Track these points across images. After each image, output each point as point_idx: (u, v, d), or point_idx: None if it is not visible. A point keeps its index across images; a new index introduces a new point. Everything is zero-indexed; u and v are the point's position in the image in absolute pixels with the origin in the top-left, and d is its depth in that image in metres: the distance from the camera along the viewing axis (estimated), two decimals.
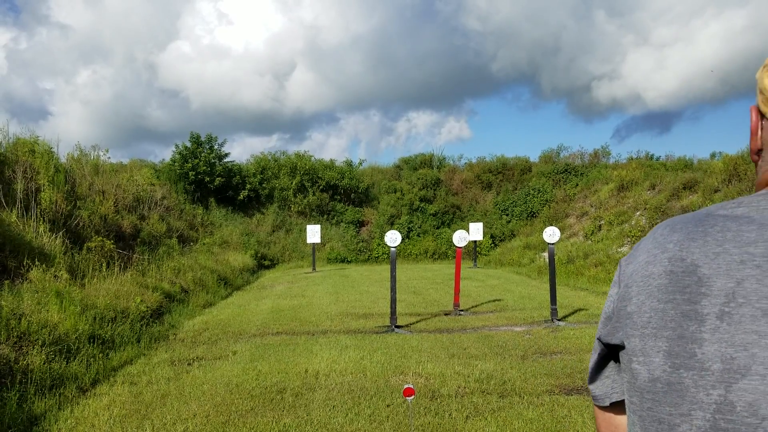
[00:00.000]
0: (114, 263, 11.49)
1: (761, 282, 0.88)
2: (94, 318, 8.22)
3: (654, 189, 19.55)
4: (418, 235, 25.92)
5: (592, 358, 1.15)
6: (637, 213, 18.73)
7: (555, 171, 27.21)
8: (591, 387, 1.16)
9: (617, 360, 1.09)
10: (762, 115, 1.05)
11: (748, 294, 0.89)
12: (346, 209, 27.34)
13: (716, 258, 0.93)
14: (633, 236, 17.29)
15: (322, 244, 24.64)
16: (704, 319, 0.91)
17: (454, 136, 74.91)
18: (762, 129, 1.05)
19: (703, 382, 0.89)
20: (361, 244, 25.78)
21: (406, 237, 25.49)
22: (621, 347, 1.03)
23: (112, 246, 12.05)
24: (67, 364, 6.71)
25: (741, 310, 0.88)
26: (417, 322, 10.24)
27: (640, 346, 0.97)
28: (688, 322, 0.92)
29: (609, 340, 1.06)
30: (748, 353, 0.86)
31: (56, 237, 10.62)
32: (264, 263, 22.94)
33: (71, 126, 57.33)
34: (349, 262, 24.56)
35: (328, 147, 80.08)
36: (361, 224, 27.25)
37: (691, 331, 0.91)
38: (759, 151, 1.07)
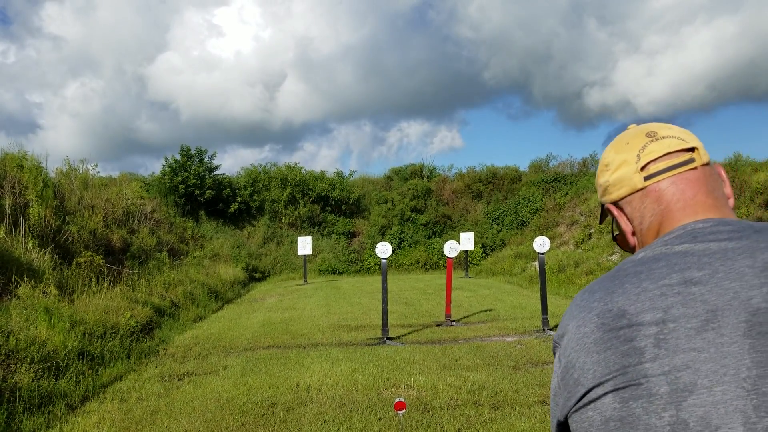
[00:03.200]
0: (103, 278, 11.42)
1: (686, 305, 0.97)
2: (84, 334, 8.16)
3: None
4: (410, 246, 25.92)
5: None
6: None
7: (544, 180, 27.32)
8: None
9: None
10: (616, 205, 1.22)
11: (677, 318, 0.96)
12: (337, 220, 27.32)
13: (638, 297, 1.00)
14: None
15: (314, 255, 24.60)
16: (643, 351, 0.96)
17: (446, 146, 75.18)
18: (623, 211, 1.21)
19: (653, 408, 0.93)
20: (352, 255, 25.74)
21: (397, 247, 25.48)
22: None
23: (101, 261, 11.98)
24: (56, 381, 6.65)
25: (674, 334, 0.95)
26: (409, 333, 10.23)
27: (590, 397, 1.00)
28: (629, 358, 0.97)
29: (565, 413, 1.06)
30: (691, 370, 0.93)
31: (45, 252, 10.55)
32: (255, 276, 22.86)
33: (60, 139, 57.12)
34: (340, 273, 24.52)
35: (320, 158, 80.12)
36: (352, 235, 27.23)
37: (633, 364, 0.96)
38: (634, 232, 1.20)
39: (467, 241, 21.95)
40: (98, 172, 18.47)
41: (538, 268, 13.36)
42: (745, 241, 1.02)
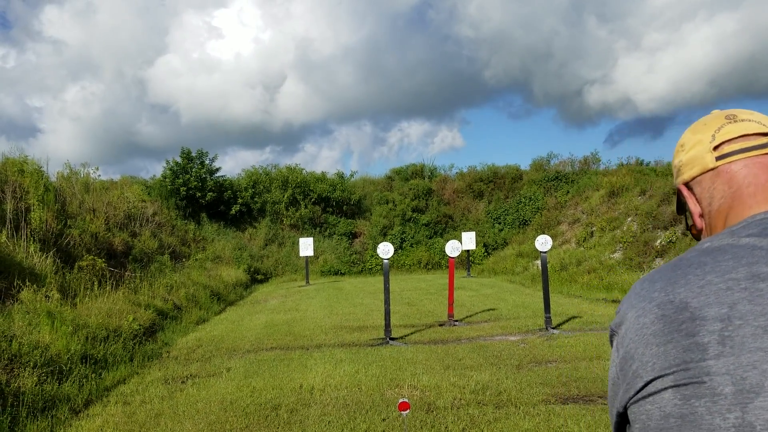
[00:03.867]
0: (106, 281, 11.42)
1: (753, 302, 0.92)
2: (87, 337, 8.16)
3: (644, 194, 19.64)
4: (411, 246, 25.91)
5: None
6: (629, 219, 18.80)
7: (546, 179, 27.30)
8: None
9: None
10: (687, 186, 1.21)
11: (744, 315, 0.92)
12: (339, 221, 27.32)
13: (702, 290, 0.96)
14: (625, 242, 17.35)
15: (315, 256, 24.59)
16: (706, 347, 0.92)
17: (446, 146, 75.12)
18: (692, 191, 1.19)
19: (717, 408, 0.89)
20: (354, 256, 25.74)
21: (399, 248, 25.47)
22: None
23: (103, 264, 11.98)
24: (59, 385, 6.65)
25: (741, 332, 0.91)
26: (411, 333, 10.22)
27: (648, 391, 0.97)
28: (691, 354, 0.93)
29: (624, 404, 1.04)
30: (758, 371, 0.88)
31: (47, 257, 10.55)
32: (257, 277, 22.86)
33: (61, 143, 57.15)
34: (342, 274, 24.51)
35: (321, 159, 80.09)
36: (353, 236, 27.23)
37: (695, 360, 0.92)
38: (702, 214, 1.18)
39: (469, 240, 21.94)
40: (99, 175, 18.54)
41: (540, 267, 13.35)
42: None
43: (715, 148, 1.14)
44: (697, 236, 1.21)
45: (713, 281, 0.96)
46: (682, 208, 1.28)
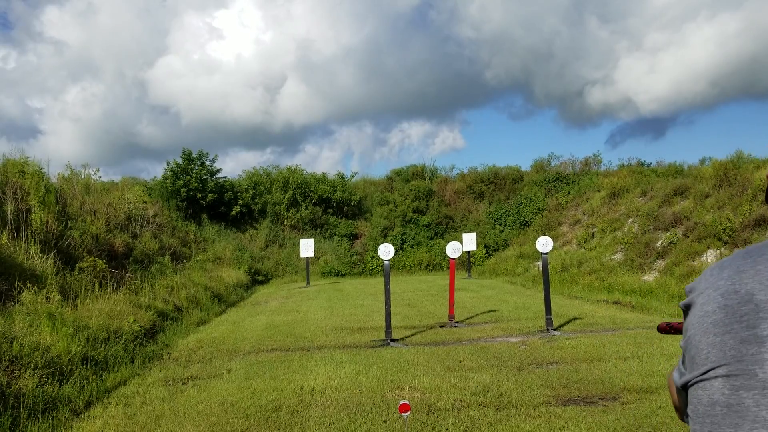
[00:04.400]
0: (106, 283, 11.42)
1: None
2: (87, 339, 8.16)
3: (645, 195, 19.63)
4: (412, 247, 25.90)
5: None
6: (630, 220, 18.79)
7: (546, 180, 27.30)
8: None
9: None
10: None
11: None
12: (339, 222, 27.32)
13: None
14: (626, 243, 17.33)
15: (316, 258, 24.59)
16: (764, 340, 0.91)
17: (447, 147, 75.06)
18: None
19: (766, 401, 0.89)
20: (354, 257, 25.74)
21: (399, 249, 25.47)
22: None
23: (104, 265, 11.98)
24: (60, 386, 6.64)
25: None
26: (412, 335, 10.21)
27: (701, 377, 0.98)
28: (747, 346, 0.93)
29: (683, 384, 1.06)
30: None
31: (47, 258, 10.55)
32: (258, 278, 22.86)
33: (62, 144, 57.14)
34: (343, 275, 24.51)
35: (322, 159, 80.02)
36: (354, 237, 27.23)
37: (751, 353, 0.92)
38: None
39: (470, 241, 21.93)
40: (100, 176, 18.51)
41: (541, 268, 13.34)
42: None
43: None
44: None
45: None
46: None
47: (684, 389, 1.06)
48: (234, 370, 7.92)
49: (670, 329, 1.46)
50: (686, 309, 1.07)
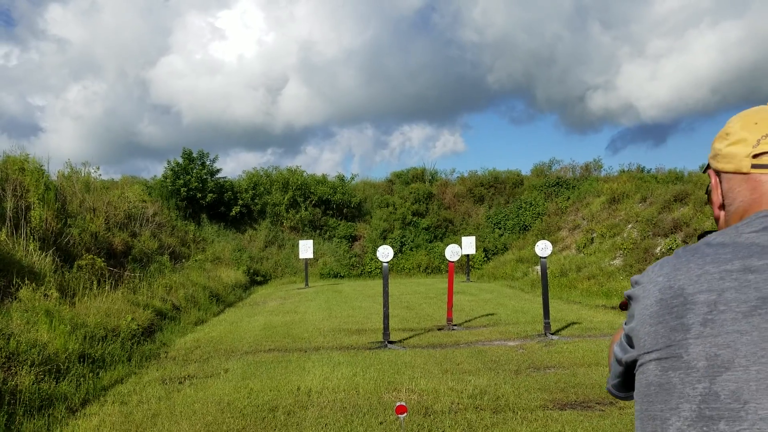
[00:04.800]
0: (105, 281, 11.41)
1: (740, 291, 1.04)
2: (85, 337, 8.15)
3: (645, 201, 19.64)
4: (411, 250, 25.90)
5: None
6: (629, 225, 18.79)
7: (547, 184, 27.30)
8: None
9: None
10: (717, 174, 1.26)
11: (729, 302, 1.04)
12: (339, 224, 27.32)
13: (699, 278, 1.08)
14: (625, 249, 17.33)
15: (315, 259, 24.57)
16: (689, 327, 1.05)
17: (448, 150, 75.00)
18: (721, 183, 1.25)
19: (689, 379, 1.03)
20: (353, 259, 25.73)
21: (398, 251, 25.46)
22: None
23: (102, 264, 11.98)
24: (56, 384, 6.64)
25: (722, 316, 1.03)
26: (410, 337, 10.20)
27: (641, 361, 1.13)
28: (676, 333, 1.07)
29: (627, 363, 1.23)
30: (731, 349, 1.01)
31: (46, 255, 10.54)
32: (256, 279, 22.85)
33: (63, 142, 57.12)
34: (341, 277, 24.49)
35: (322, 161, 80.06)
36: (353, 239, 27.22)
37: (678, 339, 1.06)
38: (721, 206, 1.25)
39: (469, 245, 21.92)
40: (100, 175, 18.49)
41: (540, 273, 13.33)
42: None
43: (755, 156, 1.18)
44: (717, 221, 1.29)
45: (710, 271, 1.08)
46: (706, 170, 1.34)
47: (623, 365, 1.23)
48: (231, 370, 7.91)
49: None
50: (629, 299, 1.21)
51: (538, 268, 18.04)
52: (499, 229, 26.65)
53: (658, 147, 66.49)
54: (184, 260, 19.10)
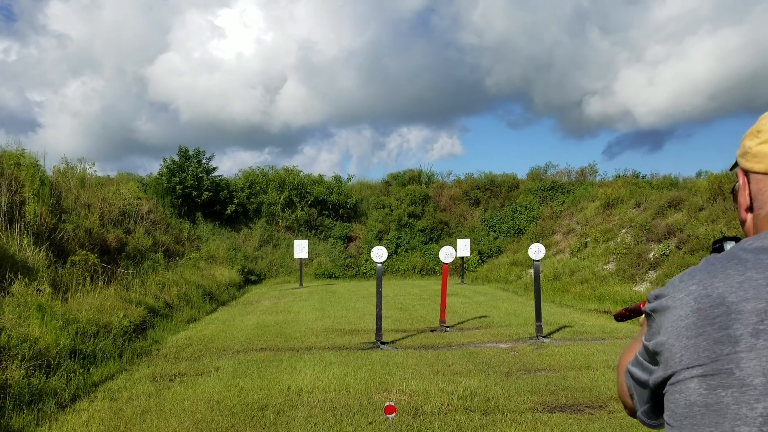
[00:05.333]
0: (98, 277, 11.40)
1: None
2: (76, 332, 8.14)
3: (639, 207, 19.69)
4: (407, 251, 25.92)
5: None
6: (623, 230, 18.84)
7: (542, 188, 27.35)
8: None
9: None
10: (746, 173, 1.17)
11: None
12: (335, 224, 27.31)
13: (741, 285, 0.98)
14: (618, 253, 17.38)
15: (310, 259, 24.56)
16: (738, 340, 0.95)
17: (446, 152, 75.01)
18: (749, 183, 1.16)
19: (746, 398, 0.92)
20: (348, 259, 25.73)
21: (394, 253, 25.48)
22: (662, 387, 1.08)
23: (96, 260, 11.96)
24: (46, 379, 6.63)
25: None
26: (403, 338, 10.22)
27: (676, 378, 1.01)
28: (722, 346, 0.96)
29: (655, 385, 1.10)
30: None
31: (40, 250, 10.53)
32: (251, 278, 22.83)
33: (60, 138, 56.93)
34: (336, 277, 24.50)
35: (320, 161, 79.89)
36: (349, 240, 27.22)
37: (726, 353, 0.95)
38: (749, 208, 1.16)
39: (464, 247, 21.95)
40: (95, 171, 18.45)
41: (533, 276, 13.36)
42: None
43: None
44: (742, 223, 1.21)
45: (753, 277, 0.98)
46: (734, 168, 1.27)
47: (649, 387, 1.09)
48: (222, 369, 7.91)
49: (629, 313, 1.46)
50: (653, 313, 1.09)
51: (532, 271, 18.08)
52: (494, 232, 26.69)
53: (654, 153, 66.61)
54: (178, 258, 19.08)
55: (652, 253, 16.17)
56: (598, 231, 19.82)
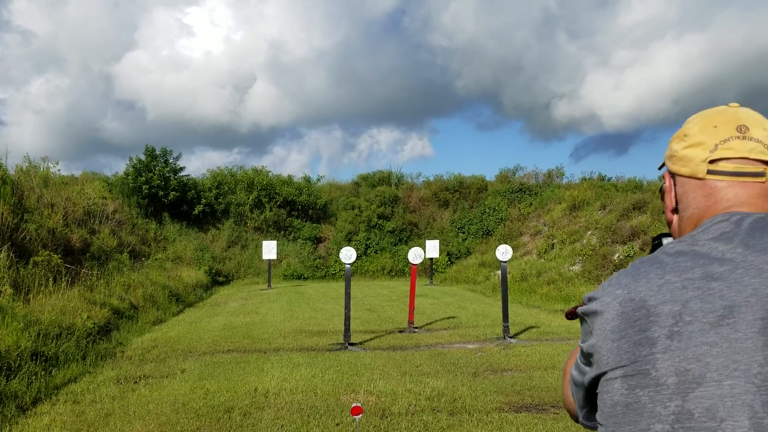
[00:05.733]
0: (61, 278, 11.18)
1: (704, 300, 0.99)
2: (38, 334, 7.98)
3: (605, 209, 20.01)
4: (376, 252, 25.93)
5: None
6: (589, 232, 19.12)
7: (510, 190, 27.61)
8: None
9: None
10: (673, 176, 1.21)
11: (695, 312, 0.99)
12: (304, 225, 27.20)
13: (660, 288, 1.03)
14: (584, 255, 17.63)
15: (279, 260, 24.43)
16: (655, 341, 1.00)
17: (416, 154, 75.24)
18: (675, 186, 1.20)
19: (660, 397, 0.97)
20: (318, 260, 25.65)
21: (363, 254, 25.47)
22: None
23: (59, 260, 11.73)
24: (7, 381, 6.48)
25: (689, 327, 0.98)
26: (371, 339, 10.22)
27: (605, 379, 1.06)
28: (641, 348, 1.00)
29: (588, 383, 1.15)
30: (702, 363, 0.96)
31: (0, 251, 10.29)
32: (218, 279, 22.62)
33: (23, 136, 55.59)
34: (305, 278, 24.40)
35: (290, 162, 79.43)
36: (318, 241, 27.14)
37: (644, 354, 1.00)
38: (674, 210, 1.21)
39: (432, 248, 22.05)
40: (59, 170, 18.12)
41: (500, 277, 13.48)
42: None
43: (712, 161, 1.13)
44: (669, 224, 1.25)
45: (671, 280, 1.03)
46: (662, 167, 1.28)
47: (584, 387, 1.16)
48: (188, 371, 7.83)
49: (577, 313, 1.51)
50: (585, 316, 1.13)
51: (500, 272, 18.24)
52: (463, 233, 26.86)
53: (620, 156, 67.77)
54: (144, 259, 18.81)
55: (616, 255, 16.45)
56: (564, 233, 20.09)
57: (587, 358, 1.12)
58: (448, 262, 25.01)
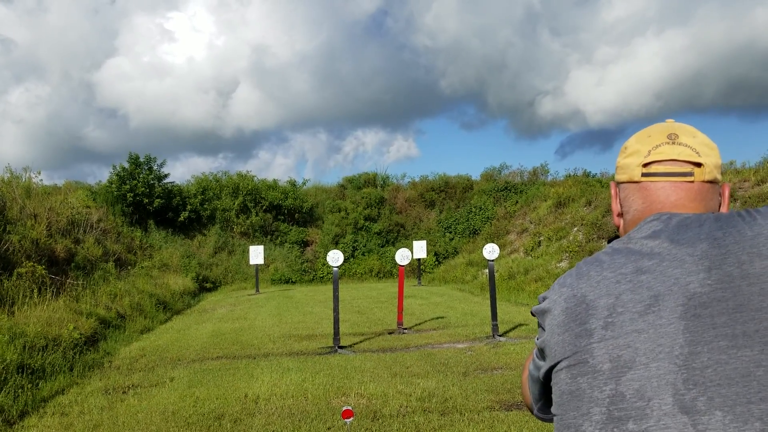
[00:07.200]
0: (46, 289, 11.07)
1: (634, 292, 1.09)
2: (24, 347, 7.89)
3: (590, 205, 20.12)
4: (363, 254, 25.91)
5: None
6: (575, 229, 19.22)
7: (495, 189, 27.69)
8: None
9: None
10: (617, 184, 1.33)
11: (626, 303, 1.09)
12: (290, 229, 27.12)
13: (598, 284, 1.14)
14: (571, 251, 17.72)
15: (266, 265, 24.34)
16: (592, 332, 1.10)
17: (402, 155, 75.18)
18: (619, 192, 1.32)
19: (596, 383, 1.07)
20: (305, 264, 25.58)
21: (351, 256, 25.43)
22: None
23: (43, 271, 11.62)
24: None
25: (621, 317, 1.08)
26: (360, 341, 10.21)
27: (555, 371, 1.17)
28: (581, 339, 1.11)
29: (543, 377, 1.26)
30: (632, 349, 1.05)
31: None
32: (206, 286, 22.49)
33: (3, 147, 54.91)
34: (293, 282, 24.32)
35: (275, 166, 79.11)
36: (305, 244, 27.07)
37: (583, 345, 1.10)
38: (619, 214, 1.33)
39: (420, 249, 22.06)
40: (42, 180, 17.93)
41: (488, 276, 13.51)
42: (693, 231, 1.13)
43: (645, 165, 1.25)
44: (617, 228, 1.35)
45: (607, 276, 1.13)
46: None
47: (539, 381, 1.27)
48: (177, 379, 7.78)
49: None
50: (538, 314, 1.25)
51: (487, 271, 18.28)
52: (450, 233, 26.90)
53: (604, 152, 68.16)
54: (130, 267, 18.67)
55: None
56: (550, 230, 20.18)
57: (541, 352, 1.23)
58: (436, 263, 25.05)
